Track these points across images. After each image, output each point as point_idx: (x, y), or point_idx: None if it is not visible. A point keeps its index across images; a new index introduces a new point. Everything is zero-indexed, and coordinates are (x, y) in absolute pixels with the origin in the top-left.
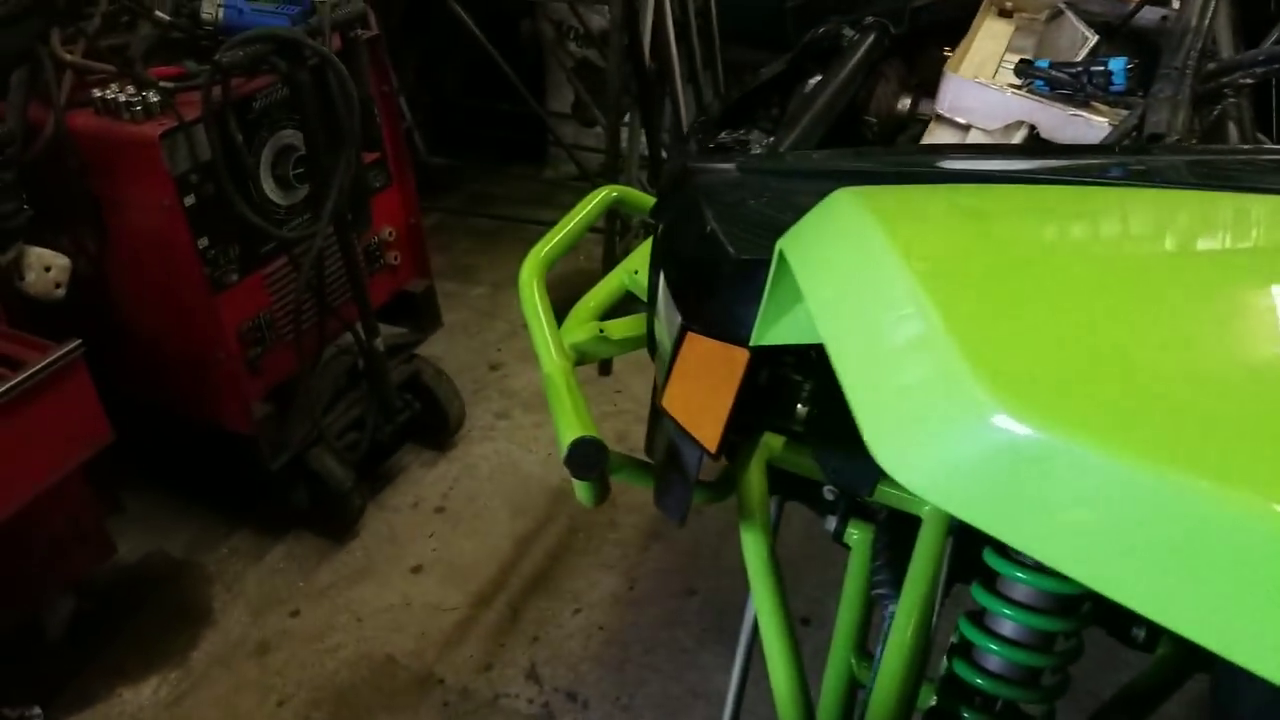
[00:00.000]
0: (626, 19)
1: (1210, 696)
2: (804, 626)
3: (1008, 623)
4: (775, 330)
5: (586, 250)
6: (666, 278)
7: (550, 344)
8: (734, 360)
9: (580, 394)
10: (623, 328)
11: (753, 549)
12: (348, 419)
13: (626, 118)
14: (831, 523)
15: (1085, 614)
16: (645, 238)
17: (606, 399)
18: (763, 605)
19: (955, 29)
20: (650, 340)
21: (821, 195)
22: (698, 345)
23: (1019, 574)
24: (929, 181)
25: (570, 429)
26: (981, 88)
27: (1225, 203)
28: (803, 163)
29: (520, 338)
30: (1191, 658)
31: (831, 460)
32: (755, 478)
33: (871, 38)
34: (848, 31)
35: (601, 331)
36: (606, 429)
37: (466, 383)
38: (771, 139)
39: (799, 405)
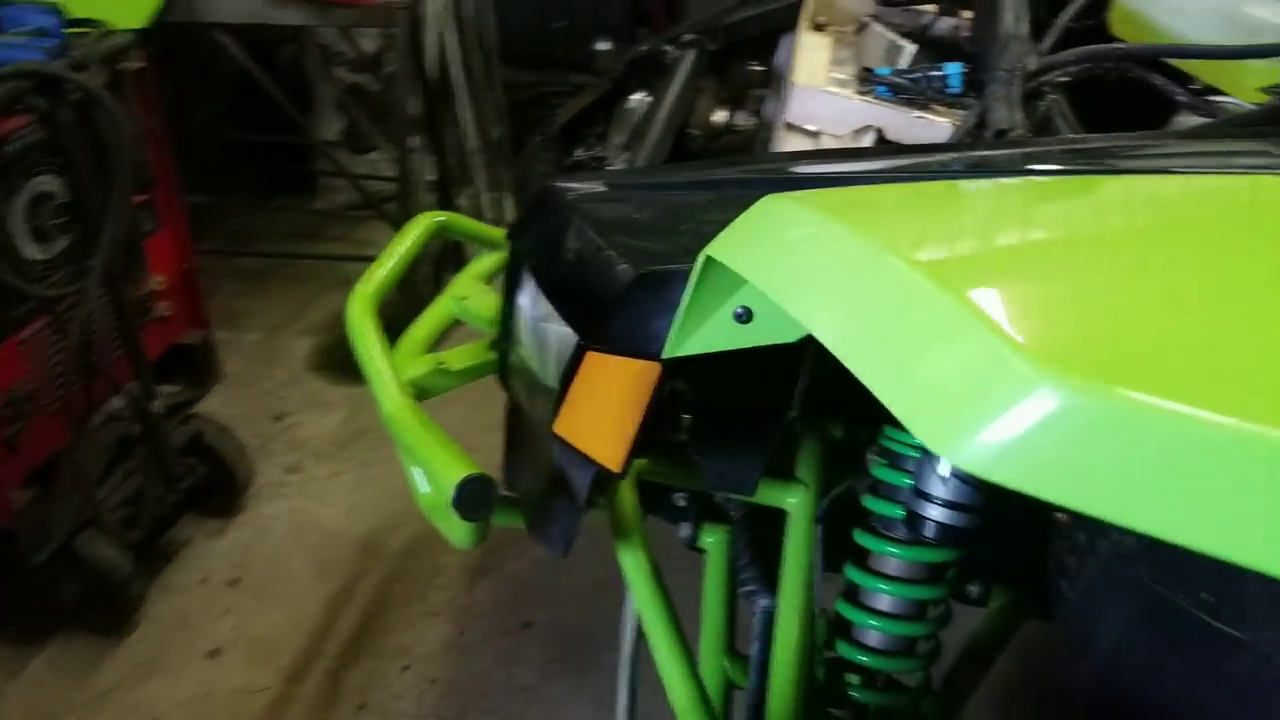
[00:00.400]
0: (411, 41)
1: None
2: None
3: (884, 597)
4: (694, 340)
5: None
6: (552, 299)
7: (391, 382)
8: (644, 375)
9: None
10: (464, 357)
11: (633, 565)
12: (123, 493)
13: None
14: (684, 529)
15: (952, 580)
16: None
17: None
18: (652, 619)
19: (761, 45)
20: (502, 368)
21: (713, 204)
22: (600, 364)
23: (892, 549)
24: (814, 185)
25: (449, 468)
26: (830, 96)
27: (1145, 183)
28: (675, 175)
29: (304, 384)
30: (1024, 607)
31: (715, 465)
32: (627, 494)
33: (693, 55)
34: (669, 49)
35: (441, 364)
36: None
37: (250, 437)
38: (627, 154)
39: (683, 415)
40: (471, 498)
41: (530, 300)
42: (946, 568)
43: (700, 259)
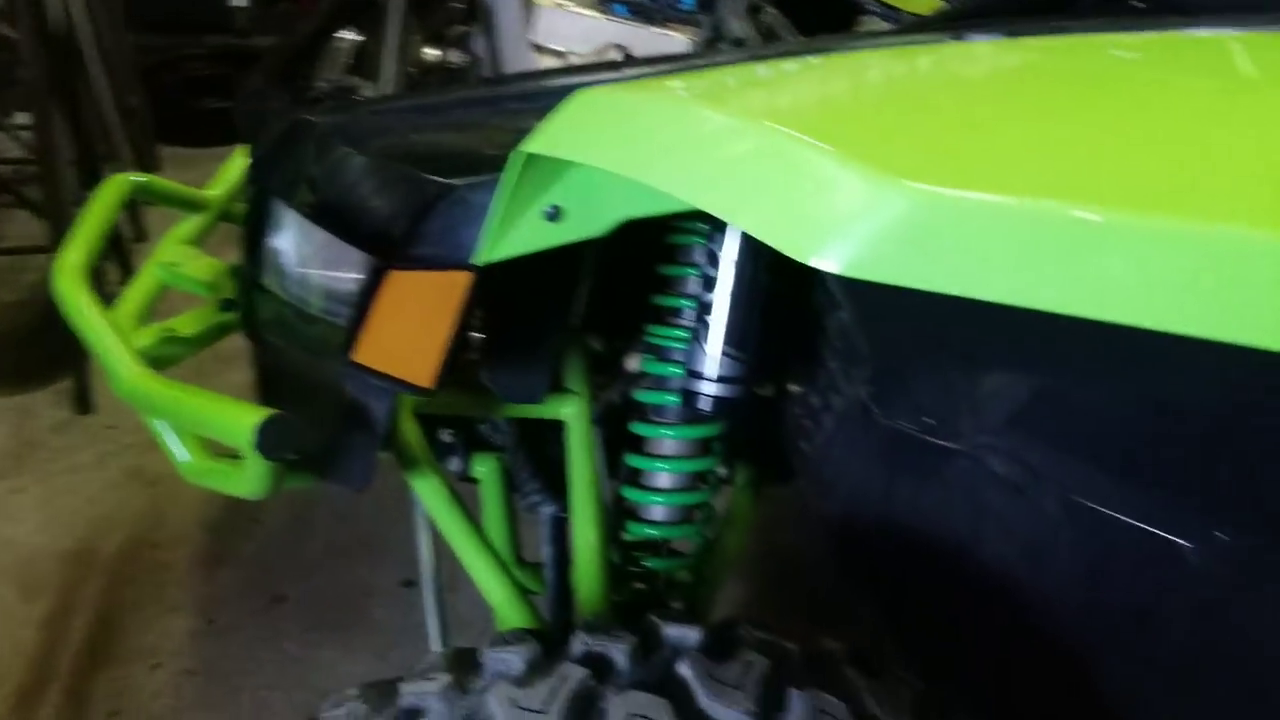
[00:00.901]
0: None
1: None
2: (408, 589)
3: (664, 475)
4: (506, 242)
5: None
6: (333, 229)
7: (125, 353)
8: (454, 285)
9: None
10: (193, 323)
11: (429, 489)
12: None
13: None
14: (454, 464)
15: (719, 451)
16: None
17: (105, 440)
18: (457, 534)
19: None
20: (249, 323)
21: (492, 118)
22: (405, 282)
23: (668, 431)
24: None
25: (241, 414)
26: (575, 16)
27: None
28: (439, 97)
29: None
30: (763, 476)
31: (505, 378)
32: (409, 429)
33: None
34: None
35: (169, 331)
36: (117, 471)
37: None
38: (371, 85)
39: (473, 334)
40: (276, 436)
41: (289, 241)
42: (714, 441)
43: (517, 159)
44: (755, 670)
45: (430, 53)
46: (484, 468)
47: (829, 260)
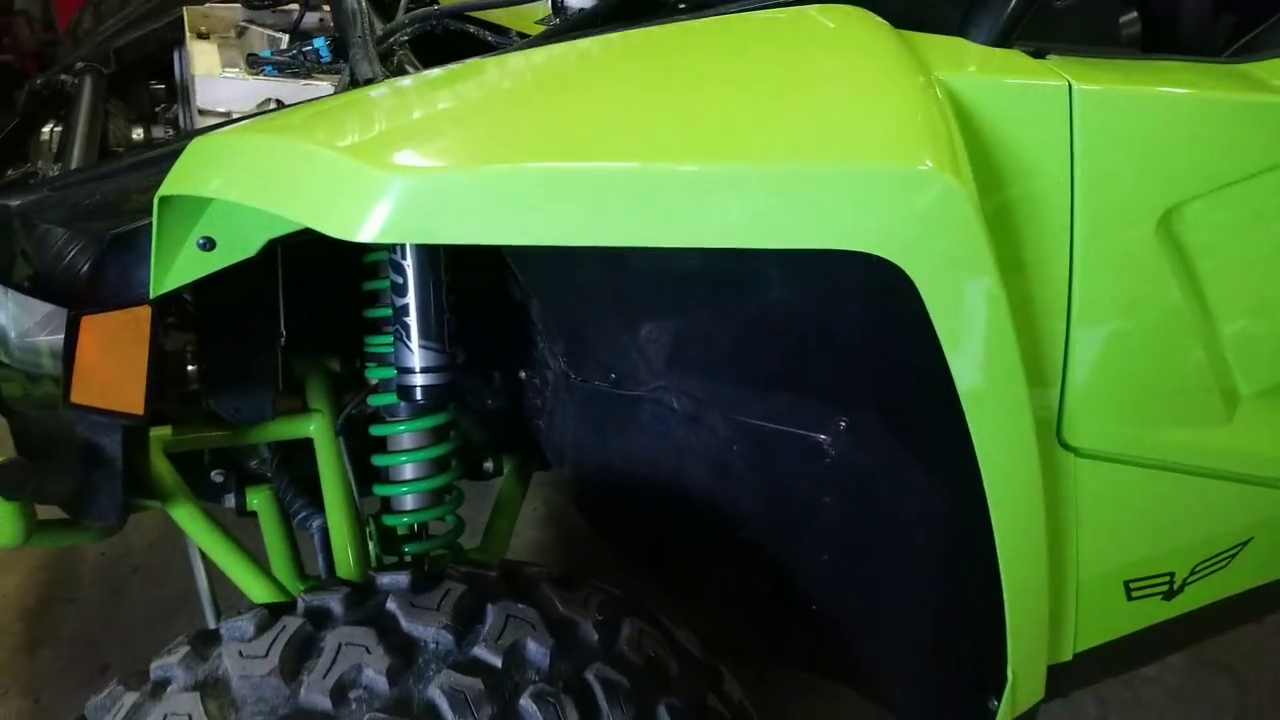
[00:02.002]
0: None
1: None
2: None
3: (408, 467)
4: (170, 275)
5: None
6: (34, 292)
7: None
8: (139, 319)
9: None
10: None
11: (188, 517)
12: None
13: None
14: (229, 501)
15: (455, 436)
16: None
17: None
18: (222, 555)
19: (155, 62)
20: None
21: (156, 173)
22: (97, 325)
23: (400, 426)
24: None
25: None
26: (229, 80)
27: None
28: (112, 165)
29: None
30: (527, 464)
31: (231, 403)
32: (161, 466)
33: (89, 80)
34: (65, 78)
35: None
36: None
37: None
38: (58, 166)
39: (188, 366)
40: (7, 477)
41: (6, 314)
42: (448, 427)
43: (155, 202)
44: (453, 595)
45: (138, 133)
46: (258, 498)
47: (350, 231)
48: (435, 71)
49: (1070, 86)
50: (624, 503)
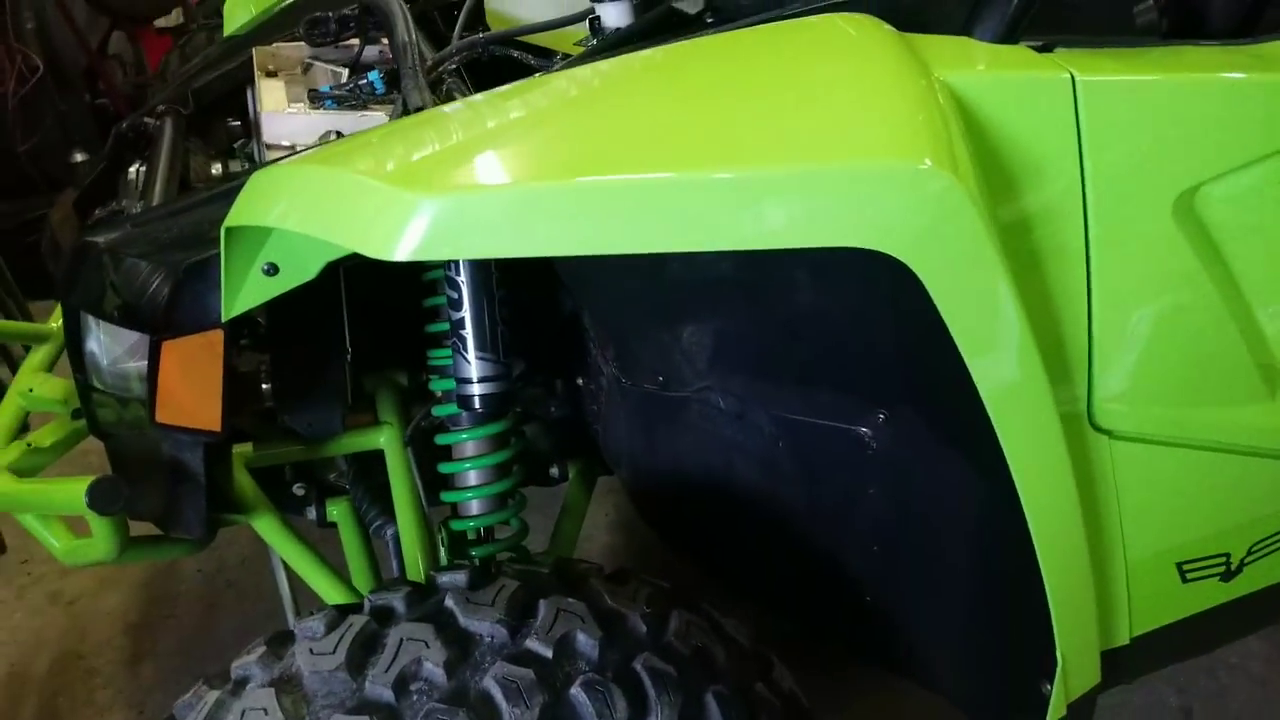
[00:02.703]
0: None
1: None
2: None
3: (472, 473)
4: (239, 300)
5: None
6: (121, 322)
7: None
8: (212, 342)
9: None
10: (49, 435)
11: (270, 528)
12: None
13: None
14: (311, 514)
15: (517, 443)
16: None
17: (20, 574)
18: (303, 564)
19: (230, 101)
20: (93, 424)
21: (207, 215)
22: (176, 349)
23: (462, 434)
24: None
25: (74, 486)
26: (292, 115)
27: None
28: (189, 199)
29: None
30: (591, 468)
31: (303, 418)
32: (244, 481)
33: (170, 121)
34: (148, 121)
35: (29, 445)
36: (37, 598)
37: None
38: (141, 203)
39: (262, 385)
40: (103, 494)
41: (99, 343)
42: (509, 434)
43: (222, 233)
44: (506, 591)
45: (217, 168)
46: (336, 510)
47: (387, 251)
48: (475, 97)
49: (1073, 78)
50: (678, 502)
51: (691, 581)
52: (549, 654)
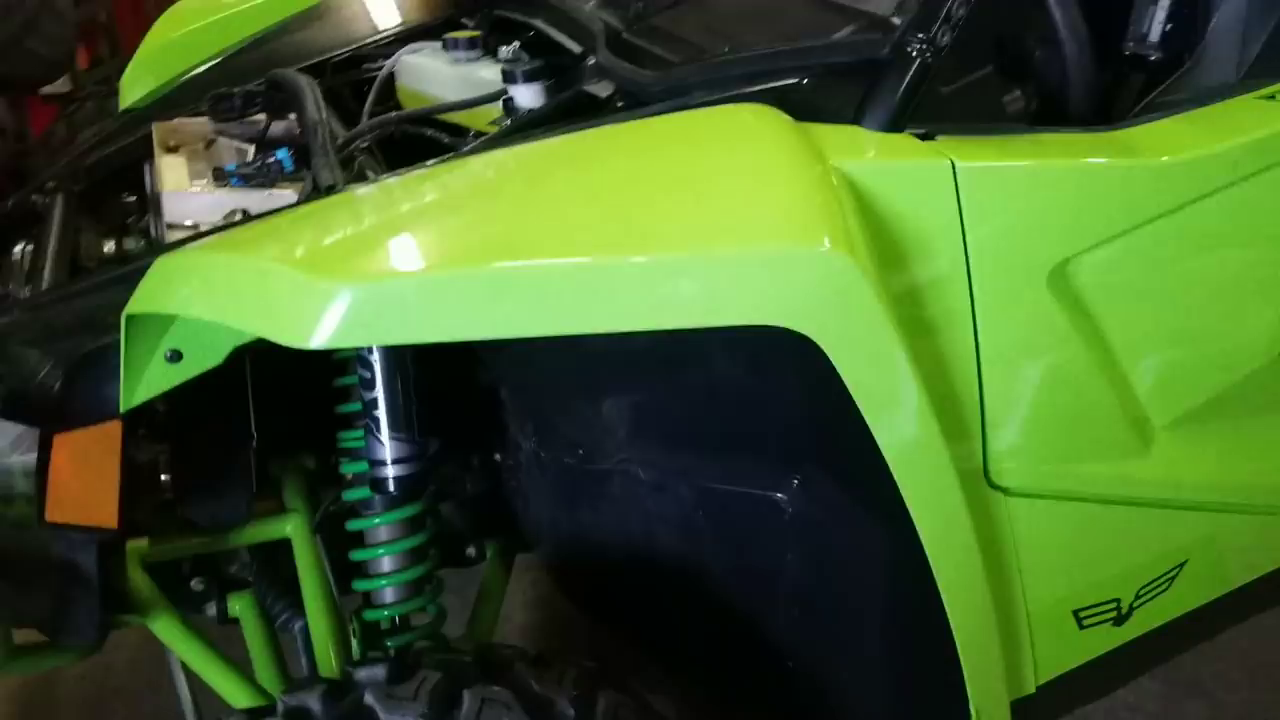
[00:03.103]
0: None
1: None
2: None
3: (385, 559)
4: (140, 388)
5: None
6: (6, 415)
7: None
8: (109, 434)
9: None
10: None
11: (167, 628)
12: None
13: None
14: (211, 610)
15: (432, 525)
16: None
17: None
18: (204, 665)
19: (125, 178)
20: None
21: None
22: (69, 442)
23: (375, 519)
24: None
25: None
26: (195, 195)
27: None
28: (79, 284)
29: None
30: (510, 548)
31: (206, 510)
32: (139, 579)
33: (60, 198)
34: (36, 198)
35: None
36: None
37: None
38: (28, 288)
39: (161, 475)
40: None
41: None
42: (424, 517)
43: (123, 320)
44: (429, 682)
45: (109, 246)
46: (239, 604)
47: (315, 340)
48: (388, 179)
49: (953, 164)
50: (600, 574)
51: (612, 654)
52: None
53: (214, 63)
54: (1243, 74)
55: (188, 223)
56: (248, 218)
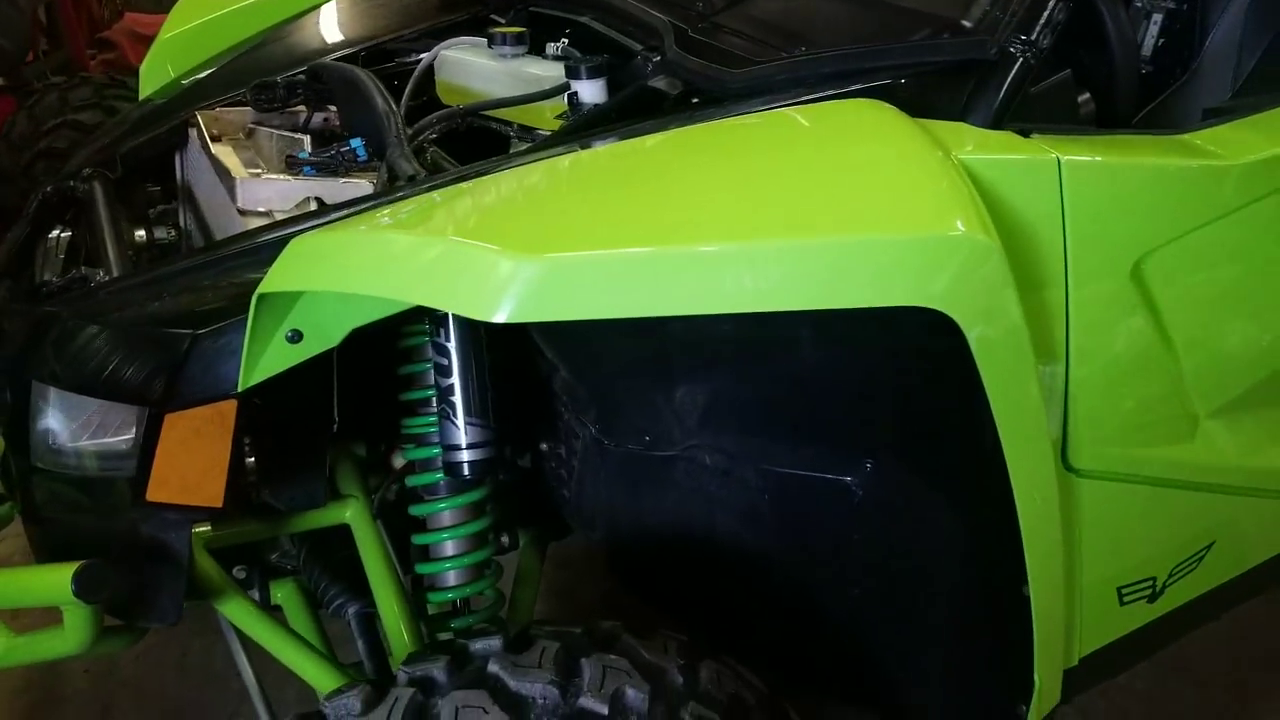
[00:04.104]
0: None
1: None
2: None
3: (449, 543)
4: (260, 368)
5: None
6: (101, 394)
7: None
8: (223, 414)
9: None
10: None
11: (239, 612)
12: None
13: None
14: (253, 596)
15: (494, 510)
16: None
17: None
18: (275, 643)
19: (155, 167)
20: (27, 509)
21: (220, 275)
22: (181, 421)
23: (441, 504)
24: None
25: (53, 574)
26: (270, 181)
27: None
28: (167, 268)
29: None
30: (543, 536)
31: (284, 491)
32: (205, 563)
33: (98, 185)
34: (74, 184)
35: None
36: None
37: None
38: (100, 273)
39: (248, 459)
40: (91, 580)
41: (58, 420)
42: (484, 503)
43: (254, 299)
44: (549, 652)
45: (140, 234)
46: (282, 592)
47: (500, 314)
48: (520, 169)
49: (1059, 160)
50: (659, 558)
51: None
52: (604, 710)
53: (240, 54)
54: (1236, 90)
55: (261, 209)
56: (322, 206)
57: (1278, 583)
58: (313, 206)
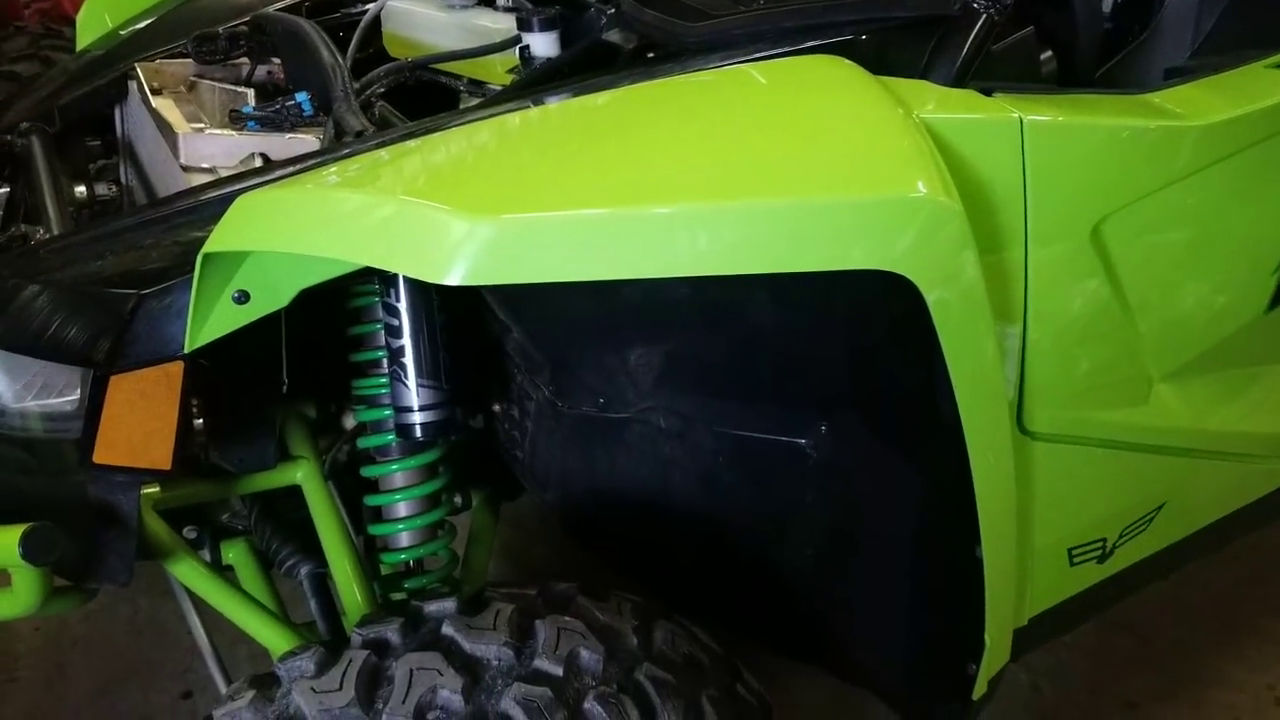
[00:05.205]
0: None
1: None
2: (187, 700)
3: (403, 504)
4: (207, 328)
5: None
6: (40, 354)
7: None
8: (170, 375)
9: None
10: None
11: (190, 573)
12: None
13: None
14: (204, 556)
15: (447, 471)
16: None
17: None
18: (229, 604)
19: (94, 121)
20: None
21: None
22: (127, 383)
23: (394, 465)
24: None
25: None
26: (214, 136)
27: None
28: (106, 226)
29: None
30: (494, 495)
31: (235, 454)
32: (154, 524)
33: (37, 140)
34: (11, 138)
35: None
36: None
37: None
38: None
39: (196, 420)
40: (40, 542)
41: (2, 379)
42: (438, 464)
43: (199, 259)
44: (504, 614)
45: (80, 190)
46: (234, 552)
47: (453, 277)
48: (470, 125)
49: (1021, 120)
50: (614, 519)
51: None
52: (559, 672)
53: (180, 3)
54: (1195, 48)
55: (205, 165)
56: (268, 162)
57: (1224, 544)
58: (258, 163)
